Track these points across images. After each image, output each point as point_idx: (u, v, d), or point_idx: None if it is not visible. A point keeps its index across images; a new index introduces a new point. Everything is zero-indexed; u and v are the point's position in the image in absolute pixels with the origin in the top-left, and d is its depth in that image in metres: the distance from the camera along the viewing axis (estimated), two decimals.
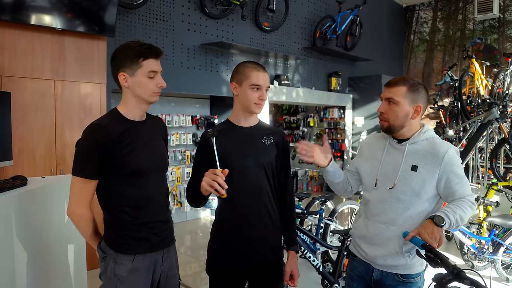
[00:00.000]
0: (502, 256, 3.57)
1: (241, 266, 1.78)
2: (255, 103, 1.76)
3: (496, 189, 4.07)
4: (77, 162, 1.57)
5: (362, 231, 1.80)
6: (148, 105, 1.68)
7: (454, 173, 1.65)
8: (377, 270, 1.75)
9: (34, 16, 3.41)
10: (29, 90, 3.49)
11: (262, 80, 1.76)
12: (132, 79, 1.59)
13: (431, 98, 8.83)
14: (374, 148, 1.85)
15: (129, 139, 1.59)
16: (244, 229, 1.75)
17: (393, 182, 1.70)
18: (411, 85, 1.69)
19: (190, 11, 5.18)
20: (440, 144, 1.70)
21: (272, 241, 1.81)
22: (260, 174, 1.77)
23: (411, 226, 1.66)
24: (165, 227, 1.72)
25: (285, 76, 6.45)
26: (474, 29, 8.56)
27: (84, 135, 1.57)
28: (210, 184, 1.54)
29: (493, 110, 4.76)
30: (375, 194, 1.76)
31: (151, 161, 1.67)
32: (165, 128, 1.88)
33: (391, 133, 1.75)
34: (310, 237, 3.23)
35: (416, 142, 1.72)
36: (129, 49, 1.58)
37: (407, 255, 1.68)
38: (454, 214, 1.56)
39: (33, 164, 3.51)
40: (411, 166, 1.68)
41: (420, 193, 1.66)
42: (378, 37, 8.63)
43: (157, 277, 1.70)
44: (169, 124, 5.61)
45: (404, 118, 1.69)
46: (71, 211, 1.60)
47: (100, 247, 1.66)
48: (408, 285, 1.71)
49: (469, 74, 6.18)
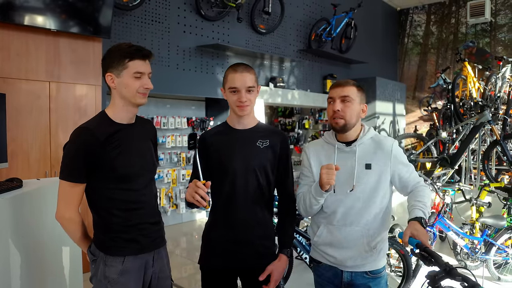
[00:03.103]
0: (494, 256, 3.61)
1: (230, 267, 1.78)
2: (236, 106, 1.73)
3: (488, 190, 4.11)
4: (64, 165, 1.57)
5: (327, 238, 1.79)
6: (136, 108, 1.67)
7: (403, 164, 1.78)
8: (347, 272, 1.77)
9: (28, 17, 3.40)
10: (24, 92, 3.48)
11: (239, 82, 1.70)
12: (118, 80, 1.60)
13: (425, 101, 8.92)
14: (323, 155, 1.83)
15: (117, 142, 1.59)
16: (232, 232, 1.75)
17: (351, 185, 1.73)
18: (357, 86, 1.78)
19: (186, 13, 5.20)
20: (384, 140, 1.80)
21: (260, 246, 1.78)
22: (250, 178, 1.74)
23: (373, 221, 1.74)
24: (155, 228, 1.72)
25: (281, 78, 6.48)
26: (466, 32, 8.65)
27: (71, 138, 1.58)
28: (193, 196, 1.54)
29: (485, 113, 4.82)
30: (335, 200, 1.76)
31: (139, 165, 1.67)
32: (155, 131, 1.88)
33: (344, 132, 1.77)
34: (306, 238, 3.25)
35: (363, 142, 1.78)
36: (118, 50, 1.60)
37: (374, 251, 1.74)
38: (426, 207, 1.66)
39: (27, 166, 3.49)
40: (364, 165, 1.75)
41: (378, 189, 1.74)
42: (372, 40, 8.70)
43: (148, 279, 1.70)
44: (165, 126, 5.61)
45: (357, 116, 1.77)
46: (59, 215, 1.60)
47: (90, 250, 1.66)
48: (378, 279, 1.77)
49: (462, 77, 6.25)
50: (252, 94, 1.73)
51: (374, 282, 1.76)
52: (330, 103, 1.78)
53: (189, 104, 6.05)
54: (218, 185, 1.77)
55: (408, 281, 3.10)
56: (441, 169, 5.32)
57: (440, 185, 3.86)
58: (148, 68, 1.63)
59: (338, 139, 1.82)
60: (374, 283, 1.76)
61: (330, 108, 1.78)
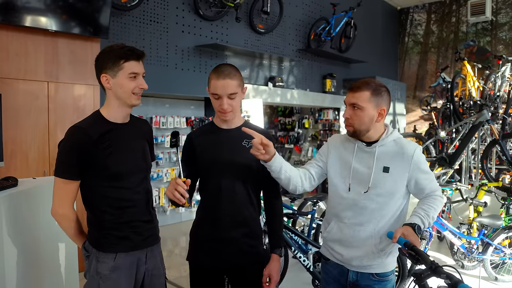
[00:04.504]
0: (491, 255, 3.61)
1: (216, 266, 1.78)
2: (218, 111, 1.73)
3: (486, 189, 4.11)
4: (59, 163, 1.60)
5: (336, 235, 1.78)
6: (131, 108, 1.70)
7: (422, 171, 1.72)
8: (352, 271, 1.76)
9: (27, 17, 3.43)
10: (22, 92, 3.51)
11: (220, 89, 1.67)
12: (114, 81, 1.62)
13: (424, 100, 8.92)
14: (343, 151, 1.82)
15: (110, 141, 1.62)
16: (217, 230, 1.76)
17: (367, 186, 1.71)
18: (374, 89, 1.68)
19: (184, 13, 5.22)
20: (407, 144, 1.74)
21: (244, 245, 1.77)
22: (235, 176, 1.74)
23: (385, 224, 1.72)
24: (148, 226, 1.74)
25: (280, 77, 6.49)
26: (467, 31, 8.64)
27: (65, 136, 1.61)
28: (172, 193, 1.54)
29: (484, 112, 4.82)
30: (348, 198, 1.75)
31: (132, 163, 1.69)
32: (151, 131, 1.90)
33: (357, 137, 1.75)
34: (302, 237, 3.26)
35: (385, 144, 1.74)
36: (111, 51, 1.62)
37: (382, 253, 1.71)
38: (428, 217, 1.64)
39: (26, 165, 3.52)
40: (382, 168, 1.71)
41: (394, 193, 1.71)
42: (372, 39, 8.69)
43: (141, 276, 1.72)
44: (164, 125, 5.63)
45: (369, 122, 1.70)
46: (54, 211, 1.64)
47: (84, 246, 1.69)
48: (383, 283, 1.75)
49: (461, 76, 6.25)
50: (234, 99, 1.71)
51: (379, 285, 1.74)
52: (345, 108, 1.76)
53: (188, 104, 6.07)
54: (204, 184, 1.80)
55: (403, 280, 3.12)
56: (440, 168, 5.32)
57: None
58: (142, 69, 1.67)
59: (360, 138, 1.77)
60: (380, 286, 1.74)
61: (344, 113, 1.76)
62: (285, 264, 3.38)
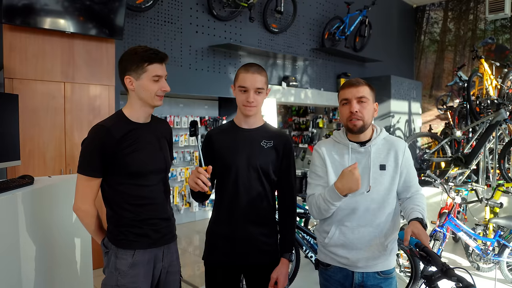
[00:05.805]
0: (507, 257, 3.53)
1: (231, 263, 1.81)
2: (243, 105, 1.77)
3: (503, 190, 4.03)
4: (82, 160, 1.66)
5: (339, 240, 1.75)
6: (153, 108, 1.75)
7: (411, 167, 1.79)
8: (358, 273, 1.75)
9: (45, 20, 3.51)
10: (40, 92, 3.59)
11: (249, 82, 1.73)
12: (138, 83, 1.66)
13: (440, 99, 8.77)
14: (335, 156, 1.79)
15: (131, 141, 1.67)
16: (233, 228, 1.79)
17: (367, 186, 1.72)
18: (369, 85, 1.76)
19: (198, 13, 5.25)
20: (397, 141, 1.80)
21: (261, 244, 1.80)
22: (253, 176, 1.77)
23: (387, 223, 1.74)
24: (165, 224, 1.78)
25: (293, 77, 6.47)
26: (485, 29, 8.45)
27: (89, 135, 1.66)
28: (195, 181, 1.59)
29: (501, 111, 4.72)
30: (350, 201, 1.71)
31: (152, 162, 1.73)
32: (170, 130, 1.94)
33: (361, 133, 1.75)
34: (314, 237, 3.25)
35: (377, 143, 1.77)
36: (135, 53, 1.65)
37: (387, 250, 1.73)
38: (424, 212, 1.67)
39: (43, 164, 3.61)
40: (379, 166, 1.74)
41: (391, 189, 1.74)
42: (387, 38, 8.58)
43: (158, 272, 1.76)
44: (178, 125, 5.68)
45: (372, 115, 1.77)
46: (76, 207, 1.69)
47: (103, 242, 1.74)
48: (389, 280, 1.76)
49: (478, 75, 6.12)
50: (260, 95, 1.76)
51: (385, 282, 1.75)
52: (345, 105, 1.74)
53: (202, 104, 6.11)
54: (221, 182, 1.83)
55: (416, 281, 3.08)
56: (457, 168, 5.23)
57: (452, 185, 3.79)
58: (165, 71, 1.71)
59: (350, 139, 1.78)
60: (386, 283, 1.75)
61: (345, 110, 1.73)
62: (297, 264, 3.38)
